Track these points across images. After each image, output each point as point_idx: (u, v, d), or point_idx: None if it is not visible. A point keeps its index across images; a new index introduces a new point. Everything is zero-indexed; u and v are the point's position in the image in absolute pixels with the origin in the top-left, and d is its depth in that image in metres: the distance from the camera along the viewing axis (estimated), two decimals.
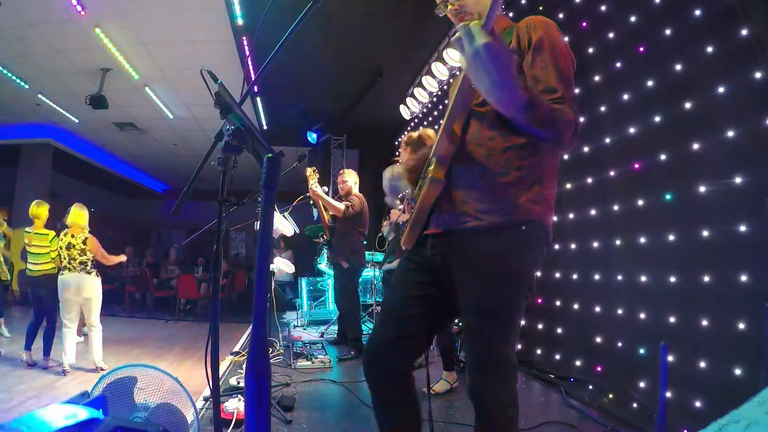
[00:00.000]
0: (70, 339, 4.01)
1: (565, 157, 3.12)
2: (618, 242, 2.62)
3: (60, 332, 4.08)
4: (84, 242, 4.07)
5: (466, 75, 1.06)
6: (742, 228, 1.86)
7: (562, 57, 1.14)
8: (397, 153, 7.53)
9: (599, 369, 2.69)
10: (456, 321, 4.86)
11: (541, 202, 1.18)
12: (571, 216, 3.06)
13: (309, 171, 3.83)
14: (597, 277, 2.79)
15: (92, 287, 4.08)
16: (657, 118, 2.33)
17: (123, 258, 4.51)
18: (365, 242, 4.25)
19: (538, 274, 1.27)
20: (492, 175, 1.16)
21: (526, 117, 1.03)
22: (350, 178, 4.10)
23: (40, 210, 4.27)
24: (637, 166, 2.47)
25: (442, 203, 1.23)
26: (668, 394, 1.97)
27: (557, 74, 1.11)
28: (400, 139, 7.48)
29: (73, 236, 4.07)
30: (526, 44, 1.16)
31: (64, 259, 4.00)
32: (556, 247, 3.22)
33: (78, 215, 4.17)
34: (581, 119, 2.46)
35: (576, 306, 2.96)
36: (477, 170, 1.18)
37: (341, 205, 3.79)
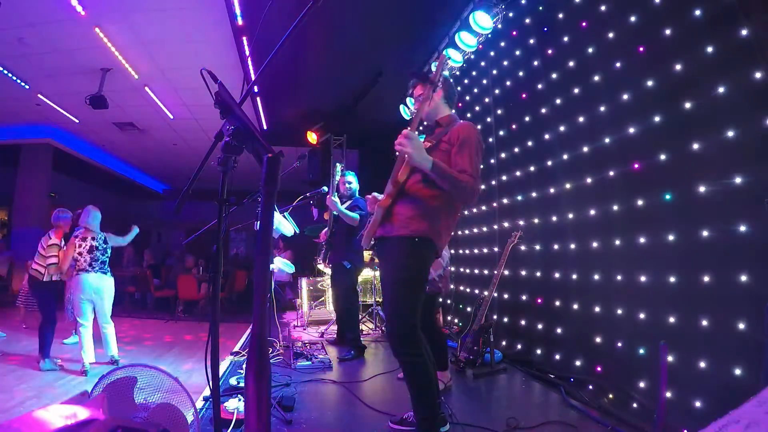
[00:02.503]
0: (88, 338, 4.11)
1: (565, 156, 3.13)
2: (618, 242, 2.61)
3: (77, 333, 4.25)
4: (105, 241, 4.32)
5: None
6: (742, 228, 1.86)
7: (471, 149, 1.97)
8: (397, 153, 7.54)
9: (599, 369, 2.69)
10: (456, 321, 4.88)
11: (433, 229, 1.96)
12: (570, 216, 3.06)
13: (339, 167, 3.96)
14: (597, 277, 2.79)
15: (111, 287, 4.31)
16: (657, 118, 2.33)
17: (134, 231, 4.70)
18: None
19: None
20: (414, 208, 1.96)
21: (442, 181, 1.89)
22: (355, 181, 4.12)
23: (53, 217, 4.38)
24: (637, 166, 2.47)
25: (384, 221, 2.02)
26: (668, 394, 1.97)
27: (469, 162, 1.94)
28: None
29: (93, 239, 4.25)
30: (454, 140, 2.00)
31: (85, 261, 4.15)
32: (556, 247, 3.22)
33: (92, 218, 4.33)
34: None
35: (576, 306, 2.96)
36: (407, 203, 1.97)
37: (354, 215, 3.80)
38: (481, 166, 2.06)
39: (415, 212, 1.95)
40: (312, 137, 7.09)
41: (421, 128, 2.29)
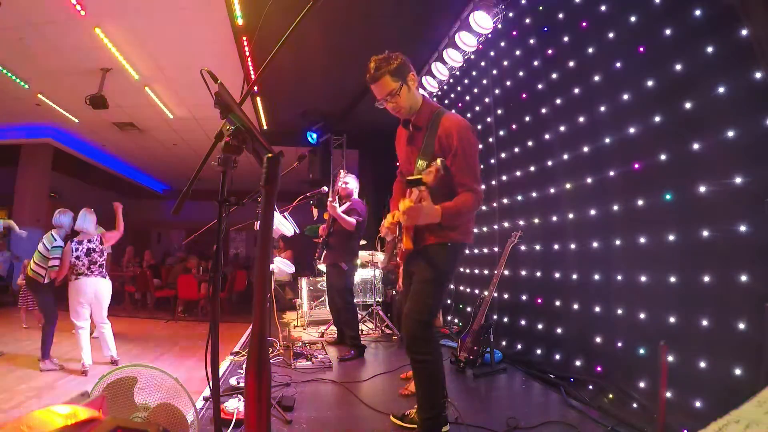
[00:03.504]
0: (86, 340, 4.12)
1: (565, 156, 3.13)
2: (618, 242, 2.61)
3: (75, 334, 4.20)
4: (101, 242, 4.30)
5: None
6: (742, 228, 1.86)
7: (470, 157, 1.87)
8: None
9: (599, 369, 2.69)
10: (456, 321, 4.87)
11: (463, 232, 1.98)
12: (570, 216, 3.06)
13: (342, 173, 4.03)
14: (597, 277, 2.79)
15: (109, 290, 4.33)
16: (657, 118, 2.33)
17: (118, 209, 4.51)
18: (365, 242, 4.26)
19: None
20: (436, 227, 1.89)
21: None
22: (352, 182, 4.12)
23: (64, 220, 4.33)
24: (637, 166, 2.47)
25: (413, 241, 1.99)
26: (668, 394, 1.97)
27: (470, 174, 1.87)
28: None
29: (90, 241, 4.22)
30: (447, 147, 1.87)
31: (83, 265, 4.14)
32: (556, 247, 3.22)
33: (87, 222, 4.29)
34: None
35: (576, 306, 2.96)
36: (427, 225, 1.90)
37: (352, 220, 3.82)
38: (481, 166, 2.06)
39: (440, 229, 1.91)
40: (312, 137, 7.09)
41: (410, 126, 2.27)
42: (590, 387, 2.66)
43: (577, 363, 2.89)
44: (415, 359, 1.91)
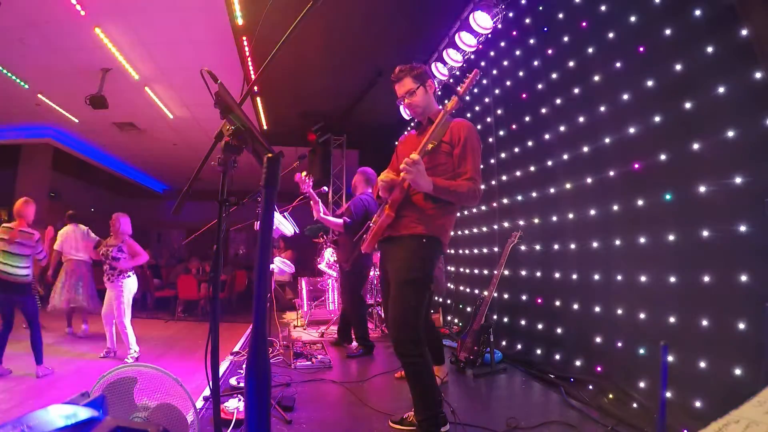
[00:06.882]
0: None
1: (565, 156, 3.13)
2: (618, 242, 2.61)
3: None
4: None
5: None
6: (742, 228, 1.86)
7: (474, 150, 2.03)
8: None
9: (599, 369, 2.69)
10: (456, 321, 4.87)
11: (440, 229, 2.04)
12: (570, 216, 3.06)
13: (302, 175, 3.60)
14: (597, 277, 2.79)
15: None
16: (657, 118, 2.33)
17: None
18: None
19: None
20: (420, 210, 2.02)
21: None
22: (356, 177, 4.11)
23: (24, 208, 4.20)
24: (637, 166, 2.47)
25: (389, 226, 2.08)
26: (668, 394, 1.97)
27: (471, 165, 2.00)
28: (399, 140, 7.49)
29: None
30: (455, 141, 2.04)
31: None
32: (556, 247, 3.22)
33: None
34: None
35: (576, 306, 2.96)
36: (413, 206, 2.04)
37: (339, 221, 3.81)
38: (481, 166, 2.08)
39: (421, 214, 2.02)
40: (311, 137, 7.10)
41: (411, 126, 2.29)
42: (590, 387, 2.66)
43: (577, 363, 2.89)
44: (405, 362, 1.94)
